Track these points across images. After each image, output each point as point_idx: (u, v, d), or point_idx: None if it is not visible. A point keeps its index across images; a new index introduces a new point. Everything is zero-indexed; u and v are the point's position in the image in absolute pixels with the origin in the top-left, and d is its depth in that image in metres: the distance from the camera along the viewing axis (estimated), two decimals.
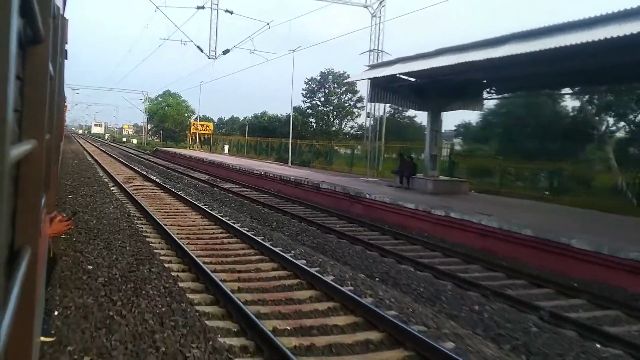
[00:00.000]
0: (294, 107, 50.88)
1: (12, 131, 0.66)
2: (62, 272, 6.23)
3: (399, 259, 8.59)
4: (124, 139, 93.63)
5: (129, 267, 6.61)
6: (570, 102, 28.82)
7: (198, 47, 23.08)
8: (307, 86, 47.56)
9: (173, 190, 15.41)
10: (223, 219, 10.54)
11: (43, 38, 1.14)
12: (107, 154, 37.92)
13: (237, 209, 13.46)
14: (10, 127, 0.60)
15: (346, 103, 46.48)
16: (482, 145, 27.30)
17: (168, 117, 72.13)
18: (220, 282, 5.91)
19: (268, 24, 20.24)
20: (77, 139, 68.94)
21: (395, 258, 8.65)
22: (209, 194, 16.25)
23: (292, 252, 8.00)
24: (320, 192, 15.87)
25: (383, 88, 14.98)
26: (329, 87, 46.66)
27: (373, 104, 18.36)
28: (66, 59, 4.35)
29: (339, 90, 46.25)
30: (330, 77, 46.42)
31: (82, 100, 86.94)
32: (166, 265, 6.81)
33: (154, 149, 50.31)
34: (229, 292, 5.56)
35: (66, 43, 3.63)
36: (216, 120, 70.38)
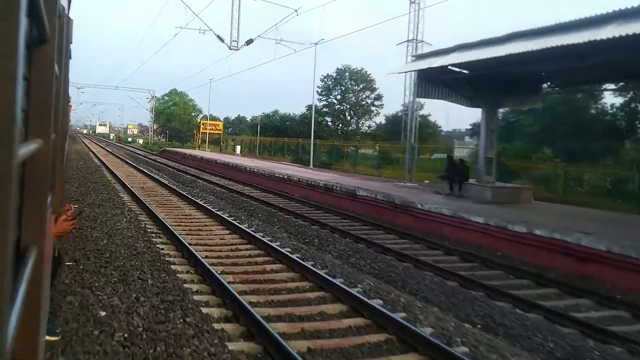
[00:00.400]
0: (309, 106, 49.00)
1: (20, 131, 0.65)
2: (66, 322, 4.63)
3: (489, 292, 6.90)
4: (130, 139, 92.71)
5: (154, 313, 4.97)
6: (609, 99, 26.94)
7: (218, 36, 21.37)
8: (323, 83, 45.83)
9: (190, 197, 13.82)
10: (256, 234, 8.92)
11: (49, 38, 1.15)
12: (114, 154, 36.50)
13: (267, 220, 11.83)
14: (19, 126, 0.60)
15: (363, 101, 44.66)
16: (505, 145, 25.48)
17: (175, 117, 70.91)
18: (283, 342, 4.25)
19: (296, 10, 18.61)
20: (82, 139, 68.10)
21: (484, 291, 6.96)
22: (230, 202, 14.64)
23: (358, 285, 6.33)
24: (357, 199, 14.18)
25: (432, 81, 13.26)
26: (345, 84, 44.86)
27: (417, 98, 16.57)
28: (70, 58, 4.14)
29: (356, 87, 44.44)
30: (347, 74, 44.62)
31: (86, 99, 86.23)
32: (204, 310, 5.16)
33: (162, 149, 48.90)
34: None
35: (70, 43, 3.52)
36: (222, 120, 68.96)
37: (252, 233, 9.05)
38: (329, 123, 45.48)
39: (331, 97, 45.60)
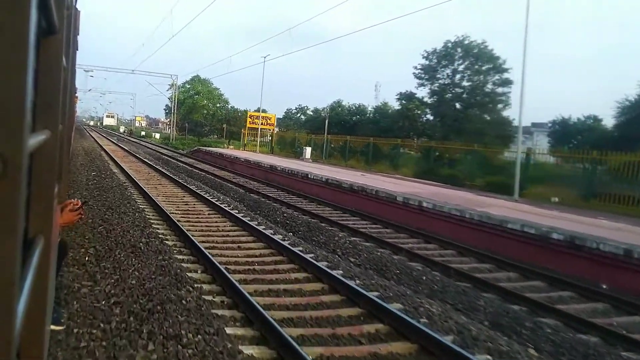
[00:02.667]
0: (401, 94, 37.03)
1: (29, 122, 0.66)
2: None
3: None
4: (143, 133, 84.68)
5: None
6: None
7: None
8: (427, 62, 35.41)
9: (376, 313, 4.28)
10: None
11: (57, 29, 1.16)
12: (133, 155, 27.51)
13: None
14: (28, 118, 0.63)
15: (478, 90, 33.74)
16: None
17: (198, 108, 62.16)
18: None
19: None
20: (90, 132, 60.70)
21: None
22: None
23: None
24: None
25: None
26: (460, 64, 34.27)
27: None
28: (77, 50, 4.19)
29: (477, 67, 33.79)
30: (459, 49, 34.08)
31: (95, 85, 78.80)
32: None
33: (194, 148, 39.45)
34: None
35: (77, 34, 3.55)
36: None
37: None
38: (430, 117, 35.26)
39: (436, 82, 35.23)
